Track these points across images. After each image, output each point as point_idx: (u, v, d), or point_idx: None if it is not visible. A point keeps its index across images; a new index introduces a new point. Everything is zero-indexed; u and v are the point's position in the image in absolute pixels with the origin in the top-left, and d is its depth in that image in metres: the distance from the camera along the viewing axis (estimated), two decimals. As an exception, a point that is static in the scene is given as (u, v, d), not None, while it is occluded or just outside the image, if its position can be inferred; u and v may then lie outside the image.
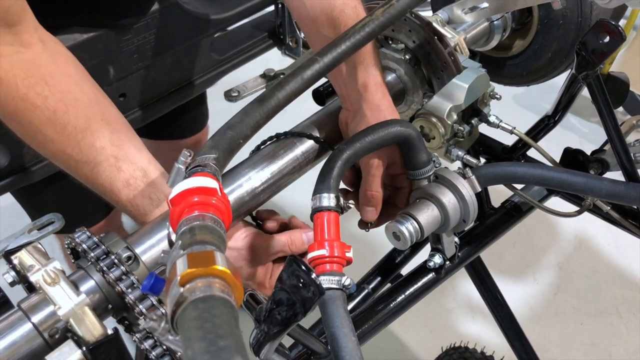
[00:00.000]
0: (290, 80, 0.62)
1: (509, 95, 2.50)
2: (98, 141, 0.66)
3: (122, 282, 0.56)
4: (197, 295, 0.34)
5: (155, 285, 0.43)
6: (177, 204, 0.46)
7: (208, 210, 0.45)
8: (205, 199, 0.46)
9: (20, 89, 0.64)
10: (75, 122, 0.66)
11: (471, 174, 0.74)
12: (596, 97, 0.88)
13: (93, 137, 0.66)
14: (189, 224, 0.43)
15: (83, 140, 0.66)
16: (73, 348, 0.51)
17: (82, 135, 0.66)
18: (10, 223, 1.67)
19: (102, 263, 0.56)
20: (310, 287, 0.45)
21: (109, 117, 0.69)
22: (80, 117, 0.66)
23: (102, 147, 0.66)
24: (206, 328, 0.32)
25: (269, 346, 0.51)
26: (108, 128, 0.67)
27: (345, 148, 0.68)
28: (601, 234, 2.03)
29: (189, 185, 0.46)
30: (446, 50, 0.87)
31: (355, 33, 0.65)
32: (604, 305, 1.86)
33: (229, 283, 0.36)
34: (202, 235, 0.41)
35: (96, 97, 0.69)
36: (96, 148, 0.66)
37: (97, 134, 0.66)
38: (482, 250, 0.98)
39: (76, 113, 0.66)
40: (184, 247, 0.40)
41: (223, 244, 0.42)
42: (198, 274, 0.36)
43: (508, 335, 1.11)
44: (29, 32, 0.65)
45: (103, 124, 0.67)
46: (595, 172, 1.02)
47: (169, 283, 0.38)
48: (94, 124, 0.67)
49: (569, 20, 1.03)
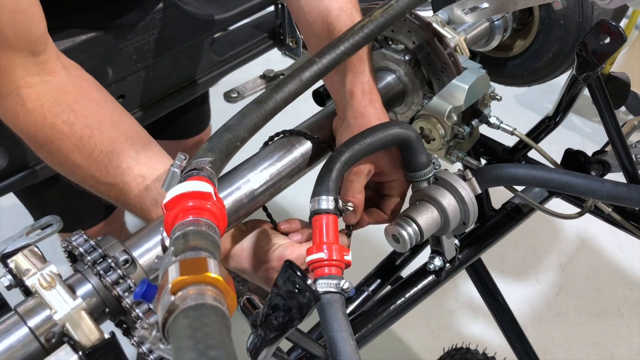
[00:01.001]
0: (289, 82, 0.62)
1: (511, 95, 2.50)
2: (124, 162, 0.66)
3: (119, 285, 0.56)
4: (188, 303, 0.34)
5: (147, 292, 0.43)
6: (171, 208, 0.45)
7: (202, 215, 0.44)
8: (200, 203, 0.45)
9: (48, 118, 0.65)
10: (101, 145, 0.66)
11: (471, 175, 0.73)
12: (597, 98, 0.87)
13: (119, 159, 0.66)
14: (183, 229, 0.43)
15: (110, 163, 0.66)
16: (69, 352, 0.51)
17: (109, 158, 0.66)
18: (12, 223, 1.67)
19: (99, 266, 0.56)
20: (305, 293, 0.45)
21: (133, 135, 0.69)
22: (106, 140, 0.66)
23: (128, 167, 0.66)
24: (197, 338, 0.31)
25: (266, 351, 0.51)
26: (133, 147, 0.67)
27: (344, 150, 0.68)
28: (603, 234, 2.02)
29: (183, 190, 0.46)
30: (446, 51, 0.86)
31: (354, 34, 0.65)
32: (606, 306, 1.86)
33: (222, 290, 0.36)
34: (196, 241, 0.41)
35: (119, 117, 0.70)
36: (123, 169, 0.66)
37: (122, 155, 0.66)
38: (483, 252, 0.97)
39: (101, 136, 0.66)
40: (176, 254, 0.39)
41: (217, 249, 0.42)
42: (190, 281, 0.36)
43: (509, 337, 1.10)
44: (53, 60, 0.67)
45: (128, 144, 0.67)
46: (597, 173, 1.01)
47: (160, 290, 0.37)
48: (119, 145, 0.67)
49: (570, 20, 1.03)
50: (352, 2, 0.79)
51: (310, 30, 0.80)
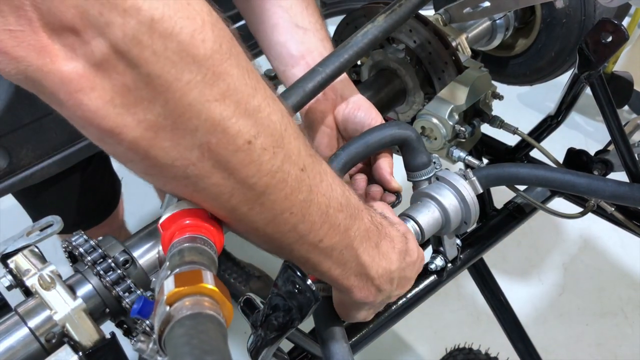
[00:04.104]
0: (292, 94, 0.61)
1: (513, 94, 2.49)
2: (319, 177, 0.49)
3: (119, 285, 0.56)
4: (184, 313, 0.34)
5: (144, 308, 0.42)
6: (168, 228, 0.45)
7: (198, 232, 0.44)
8: (196, 221, 0.45)
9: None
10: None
11: (473, 175, 0.73)
12: (599, 97, 0.87)
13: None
14: (179, 246, 0.42)
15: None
16: (69, 353, 0.51)
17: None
18: (11, 224, 1.68)
19: (99, 267, 0.56)
20: (306, 293, 0.45)
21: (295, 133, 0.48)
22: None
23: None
24: (193, 344, 0.31)
25: (266, 351, 0.51)
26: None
27: (340, 154, 0.68)
28: (607, 234, 2.01)
29: (179, 208, 0.46)
30: (447, 50, 0.86)
31: (357, 41, 0.65)
32: (609, 306, 1.85)
33: (218, 301, 0.36)
34: (191, 257, 0.41)
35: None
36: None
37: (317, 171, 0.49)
38: (485, 252, 0.97)
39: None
40: (172, 268, 0.39)
41: (213, 264, 0.42)
42: (185, 292, 0.35)
43: (512, 337, 1.10)
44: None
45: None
46: (599, 172, 1.01)
47: (156, 304, 0.37)
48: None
49: (572, 19, 1.03)
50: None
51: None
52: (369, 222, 0.54)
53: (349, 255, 0.52)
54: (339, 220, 0.49)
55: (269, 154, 0.42)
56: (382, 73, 0.92)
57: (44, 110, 0.90)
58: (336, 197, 0.49)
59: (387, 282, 0.57)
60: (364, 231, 0.52)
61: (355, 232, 0.51)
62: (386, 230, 0.57)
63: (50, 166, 0.99)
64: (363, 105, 0.75)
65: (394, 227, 0.60)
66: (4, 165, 0.94)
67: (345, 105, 0.76)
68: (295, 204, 0.45)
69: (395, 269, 0.57)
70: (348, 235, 0.51)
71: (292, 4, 0.75)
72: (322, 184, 0.48)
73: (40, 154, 0.97)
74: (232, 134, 0.39)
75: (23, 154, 0.96)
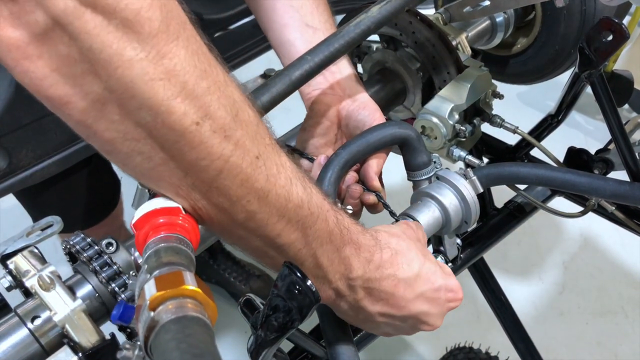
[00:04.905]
0: (277, 82, 0.60)
1: (514, 93, 2.48)
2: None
3: (115, 281, 0.56)
4: (168, 317, 0.33)
5: (125, 313, 0.42)
6: (141, 227, 0.44)
7: (173, 231, 0.43)
8: (170, 219, 0.44)
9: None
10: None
11: (473, 174, 0.73)
12: (599, 95, 0.87)
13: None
14: (155, 246, 0.41)
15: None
16: (69, 354, 0.51)
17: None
18: (11, 224, 1.67)
19: (95, 263, 0.56)
20: (306, 294, 0.45)
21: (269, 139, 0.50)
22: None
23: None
24: (182, 349, 0.31)
25: (266, 352, 0.50)
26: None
27: (341, 152, 0.68)
28: (607, 233, 2.01)
29: (151, 207, 0.45)
30: (447, 49, 0.86)
31: (349, 31, 0.64)
32: (609, 305, 1.85)
33: (201, 302, 0.35)
34: (169, 257, 0.40)
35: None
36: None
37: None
38: (485, 251, 0.97)
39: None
40: (150, 271, 0.38)
41: (192, 263, 0.41)
42: (168, 295, 0.35)
43: (512, 336, 1.10)
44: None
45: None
46: (600, 171, 1.01)
47: (138, 310, 0.36)
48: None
49: (572, 18, 1.02)
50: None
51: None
52: (334, 225, 0.52)
53: (307, 255, 0.51)
54: (298, 216, 0.49)
55: (219, 137, 0.42)
56: (383, 73, 0.92)
57: (44, 110, 0.90)
58: (297, 192, 0.48)
59: (346, 288, 0.55)
60: (325, 232, 0.51)
61: (315, 232, 0.51)
62: (353, 236, 0.54)
63: (50, 166, 0.99)
64: (369, 106, 0.76)
65: (368, 235, 0.57)
66: (4, 165, 0.93)
67: (351, 102, 0.76)
68: (252, 192, 0.45)
69: (356, 277, 0.54)
70: (307, 233, 0.50)
71: (302, 3, 0.76)
72: (279, 175, 0.47)
73: (40, 154, 0.97)
74: (178, 114, 0.40)
75: (23, 154, 0.96)
